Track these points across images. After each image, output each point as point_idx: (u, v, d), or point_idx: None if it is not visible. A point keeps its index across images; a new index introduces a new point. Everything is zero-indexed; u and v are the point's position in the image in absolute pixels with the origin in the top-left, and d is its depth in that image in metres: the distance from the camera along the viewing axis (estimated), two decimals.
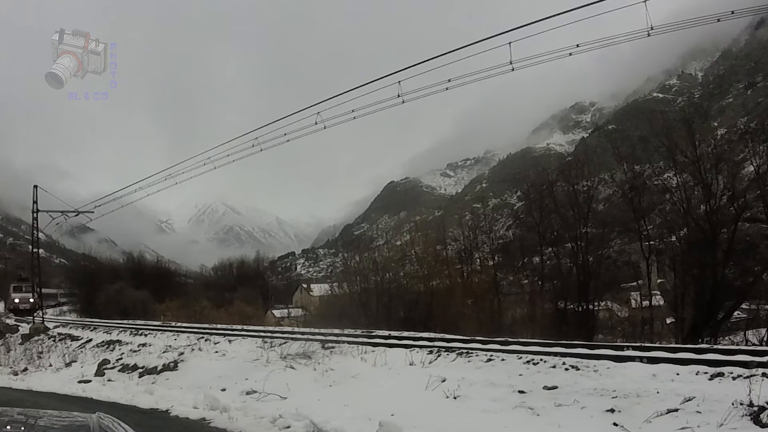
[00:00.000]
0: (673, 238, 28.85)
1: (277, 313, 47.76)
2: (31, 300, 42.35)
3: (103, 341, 21.02)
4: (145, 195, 25.86)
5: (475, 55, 13.95)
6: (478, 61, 14.52)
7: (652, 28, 12.49)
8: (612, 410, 7.00)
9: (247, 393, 9.91)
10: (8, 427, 2.11)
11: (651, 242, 30.22)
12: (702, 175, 24.60)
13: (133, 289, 45.18)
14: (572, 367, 9.05)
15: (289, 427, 7.77)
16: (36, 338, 25.96)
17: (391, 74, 15.16)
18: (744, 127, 54.09)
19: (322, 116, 16.70)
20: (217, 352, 14.87)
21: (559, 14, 12.71)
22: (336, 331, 15.97)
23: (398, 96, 15.27)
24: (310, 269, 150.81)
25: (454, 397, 8.36)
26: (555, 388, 8.32)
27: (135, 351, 17.57)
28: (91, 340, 22.41)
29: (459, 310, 29.10)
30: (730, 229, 24.12)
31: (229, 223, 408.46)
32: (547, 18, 12.84)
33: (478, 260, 37.90)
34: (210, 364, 13.19)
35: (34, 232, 35.33)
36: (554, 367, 9.23)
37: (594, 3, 11.87)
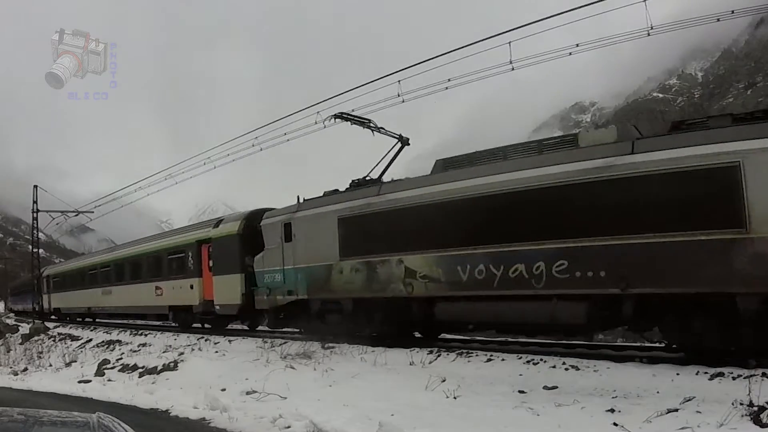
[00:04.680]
0: None
1: None
2: None
3: (103, 341, 21.03)
4: (145, 195, 25.85)
5: (475, 54, 13.96)
6: (478, 61, 14.54)
7: (652, 28, 12.49)
8: (612, 410, 7.00)
9: (247, 393, 9.90)
10: (8, 427, 2.11)
11: None
12: None
13: None
14: (572, 367, 9.05)
15: (289, 427, 7.76)
16: (36, 338, 25.98)
17: (391, 74, 15.15)
18: None
19: (322, 116, 16.65)
20: (217, 351, 14.87)
21: (559, 14, 12.70)
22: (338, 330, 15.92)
23: (398, 96, 15.26)
24: None
25: (454, 397, 8.36)
26: (555, 388, 8.32)
27: (135, 351, 17.57)
28: (91, 340, 22.43)
29: None
30: None
31: None
32: (547, 18, 12.86)
33: None
34: (210, 364, 13.18)
35: (34, 232, 35.39)
36: (554, 367, 9.23)
37: (594, 3, 11.87)
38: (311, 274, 13.73)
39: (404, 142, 14.71)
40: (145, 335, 20.29)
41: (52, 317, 34.95)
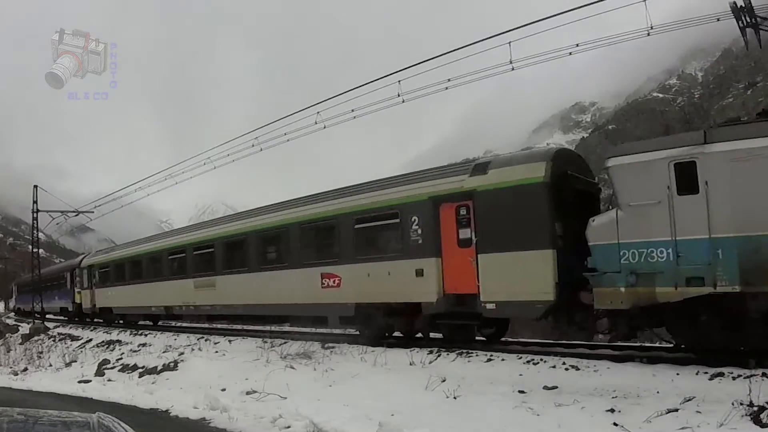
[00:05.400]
0: None
1: None
2: None
3: (103, 341, 21.04)
4: (145, 195, 25.71)
5: (475, 54, 13.98)
6: (478, 61, 14.56)
7: (652, 28, 12.52)
8: (612, 410, 7.01)
9: (247, 393, 9.91)
10: (8, 427, 2.11)
11: None
12: None
13: None
14: (572, 367, 9.07)
15: (289, 427, 7.77)
16: (36, 338, 26.00)
17: (391, 74, 15.19)
18: None
19: (322, 116, 16.67)
20: (217, 351, 14.89)
21: (559, 14, 12.72)
22: (336, 330, 15.96)
23: (398, 96, 15.32)
24: None
25: (454, 397, 8.37)
26: (555, 388, 8.33)
27: (135, 351, 17.59)
28: (91, 340, 22.44)
29: None
30: None
31: None
32: (547, 18, 12.87)
33: None
34: (210, 364, 13.19)
35: (34, 232, 35.37)
36: (554, 367, 9.24)
37: (594, 3, 11.88)
38: (756, 249, 8.25)
39: None
40: (145, 335, 20.29)
41: (92, 320, 28.91)
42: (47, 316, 34.77)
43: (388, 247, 12.73)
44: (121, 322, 25.46)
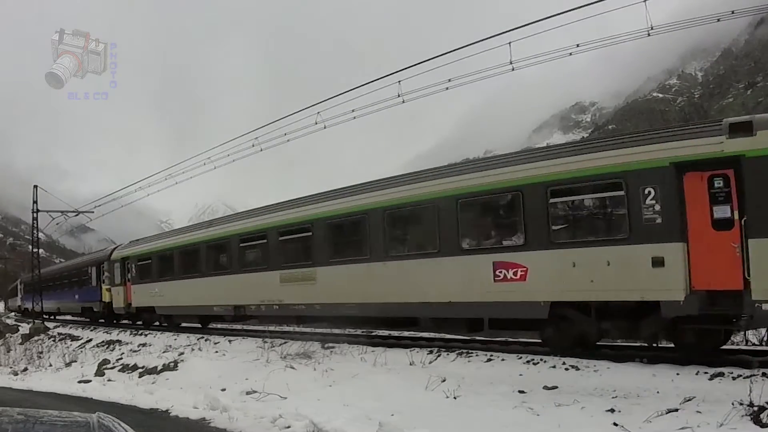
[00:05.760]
0: None
1: None
2: None
3: (103, 341, 21.05)
4: (145, 195, 25.67)
5: (475, 54, 14.00)
6: (478, 61, 14.58)
7: (652, 28, 12.55)
8: (612, 410, 7.01)
9: (247, 393, 9.91)
10: (8, 427, 2.11)
11: None
12: None
13: None
14: (572, 367, 9.06)
15: (289, 427, 7.77)
16: (36, 338, 26.00)
17: (391, 74, 15.23)
18: None
19: (322, 116, 16.70)
20: (217, 351, 14.89)
21: (559, 14, 12.75)
22: (336, 330, 15.98)
23: (398, 96, 15.35)
24: None
25: (454, 397, 8.37)
26: (555, 388, 8.33)
27: (135, 351, 17.59)
28: (91, 340, 22.44)
29: None
30: None
31: None
32: (547, 18, 12.90)
33: None
34: (210, 364, 13.20)
35: (34, 232, 35.36)
36: (554, 367, 9.24)
37: (594, 3, 11.91)
38: None
39: None
40: (145, 335, 20.29)
41: (118, 321, 25.67)
42: (63, 317, 32.52)
43: (606, 228, 9.80)
44: (165, 324, 21.70)
